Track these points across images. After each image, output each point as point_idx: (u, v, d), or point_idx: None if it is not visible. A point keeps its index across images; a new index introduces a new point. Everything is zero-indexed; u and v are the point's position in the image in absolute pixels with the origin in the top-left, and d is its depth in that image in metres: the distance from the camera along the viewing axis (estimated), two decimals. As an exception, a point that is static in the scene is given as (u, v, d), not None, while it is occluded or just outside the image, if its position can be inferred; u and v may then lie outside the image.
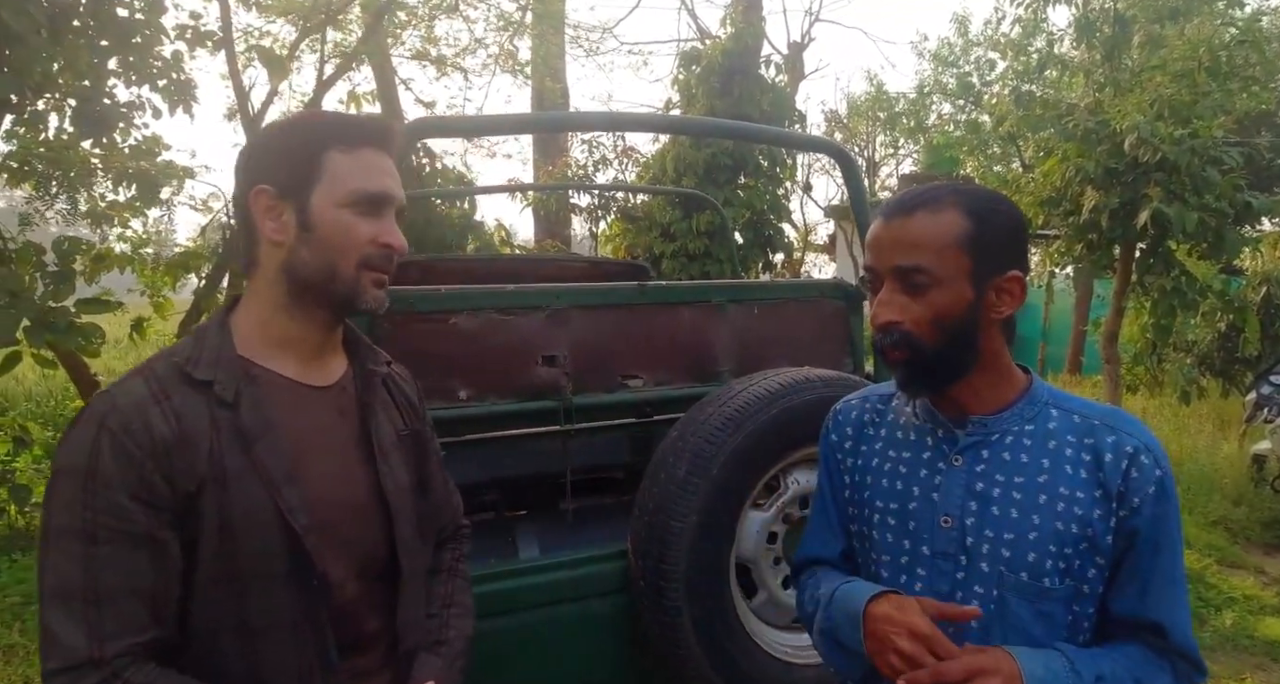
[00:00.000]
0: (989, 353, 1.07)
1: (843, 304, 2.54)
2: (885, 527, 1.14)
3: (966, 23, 13.87)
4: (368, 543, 1.08)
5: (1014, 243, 1.05)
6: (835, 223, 14.19)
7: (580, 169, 9.01)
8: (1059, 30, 6.49)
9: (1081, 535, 1.01)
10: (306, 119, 1.08)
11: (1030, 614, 1.03)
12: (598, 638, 1.92)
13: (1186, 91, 4.84)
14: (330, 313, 1.06)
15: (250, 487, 0.97)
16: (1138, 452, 1.02)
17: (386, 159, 1.06)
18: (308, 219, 1.01)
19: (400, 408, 1.19)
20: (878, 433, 1.20)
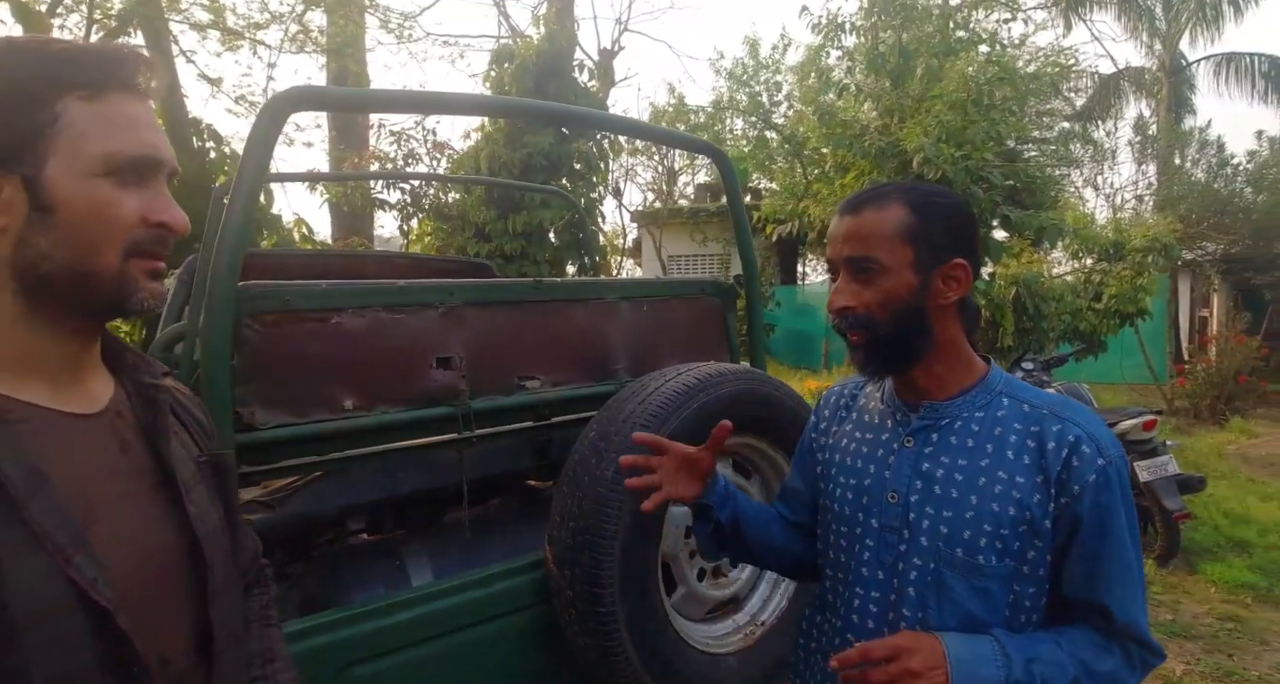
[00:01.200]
0: (944, 339, 1.15)
1: (719, 301, 2.61)
2: (844, 500, 1.23)
3: (757, 45, 15.01)
4: (190, 604, 0.85)
5: (956, 234, 1.14)
6: (644, 228, 14.65)
7: (389, 162, 8.49)
8: (848, 61, 7.18)
9: (1020, 518, 1.08)
10: (21, 52, 0.77)
11: (965, 589, 1.10)
12: (514, 659, 1.81)
13: (959, 119, 5.55)
14: (86, 319, 0.81)
15: (32, 563, 0.70)
16: (1080, 441, 1.07)
17: (145, 105, 0.81)
18: (44, 196, 0.74)
19: (190, 429, 0.95)
20: (849, 416, 1.31)
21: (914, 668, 1.00)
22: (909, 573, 1.13)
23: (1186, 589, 4.45)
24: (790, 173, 11.57)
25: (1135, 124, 14.75)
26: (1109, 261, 7.72)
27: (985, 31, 6.90)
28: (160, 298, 0.83)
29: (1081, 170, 12.93)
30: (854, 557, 1.20)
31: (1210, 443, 8.02)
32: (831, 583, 1.27)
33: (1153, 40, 16.13)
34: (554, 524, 1.78)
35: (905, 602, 1.13)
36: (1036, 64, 10.73)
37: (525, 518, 2.35)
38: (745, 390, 1.94)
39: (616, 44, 12.93)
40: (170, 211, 0.81)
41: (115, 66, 0.79)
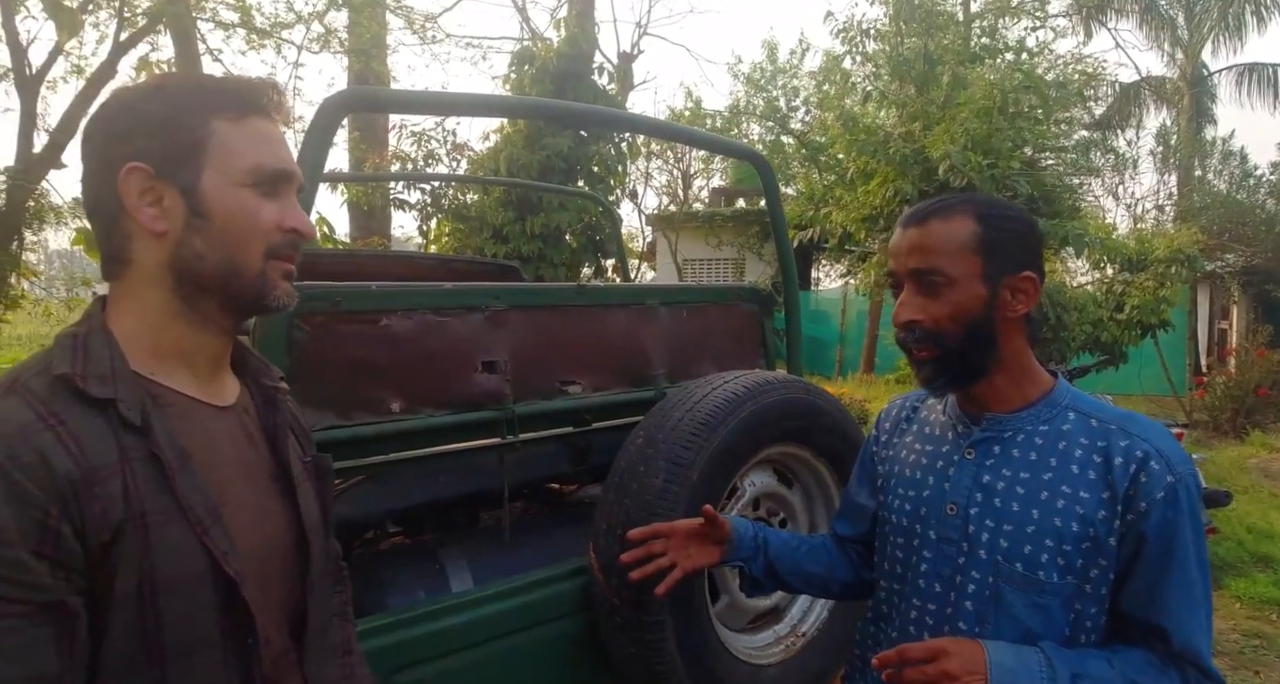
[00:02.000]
0: (1009, 353, 1.14)
1: (756, 308, 2.60)
2: (902, 511, 1.22)
3: (776, 50, 14.99)
4: (289, 591, 0.93)
5: (1024, 245, 1.12)
6: (660, 232, 14.64)
7: (409, 162, 8.51)
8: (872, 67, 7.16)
9: (1083, 534, 1.05)
10: (179, 82, 0.90)
11: (1024, 605, 1.08)
12: (554, 667, 1.80)
13: (985, 127, 5.52)
14: (232, 316, 0.90)
15: (177, 531, 0.78)
16: (1148, 456, 1.04)
17: (277, 128, 0.91)
18: (199, 203, 0.84)
19: (296, 432, 1.03)
20: (910, 428, 1.30)
21: (951, 670, 0.99)
22: (967, 586, 1.12)
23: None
24: (808, 179, 11.55)
25: (1157, 134, 14.66)
26: (1131, 272, 7.65)
27: (1012, 39, 6.87)
28: (292, 297, 0.91)
29: (1102, 179, 12.85)
30: (911, 568, 1.19)
31: (1231, 456, 7.93)
32: (887, 594, 1.26)
33: (1174, 49, 16.03)
34: (599, 532, 1.77)
35: (962, 615, 1.11)
36: (1057, 71, 10.68)
37: (559, 522, 2.35)
38: (791, 399, 1.93)
39: (636, 47, 12.93)
40: (301, 218, 0.90)
41: (255, 94, 0.89)
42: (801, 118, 13.57)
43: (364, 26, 8.09)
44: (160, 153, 0.83)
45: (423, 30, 10.05)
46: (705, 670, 1.74)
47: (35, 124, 4.71)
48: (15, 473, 0.71)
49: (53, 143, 4.64)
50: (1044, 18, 7.21)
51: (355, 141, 9.32)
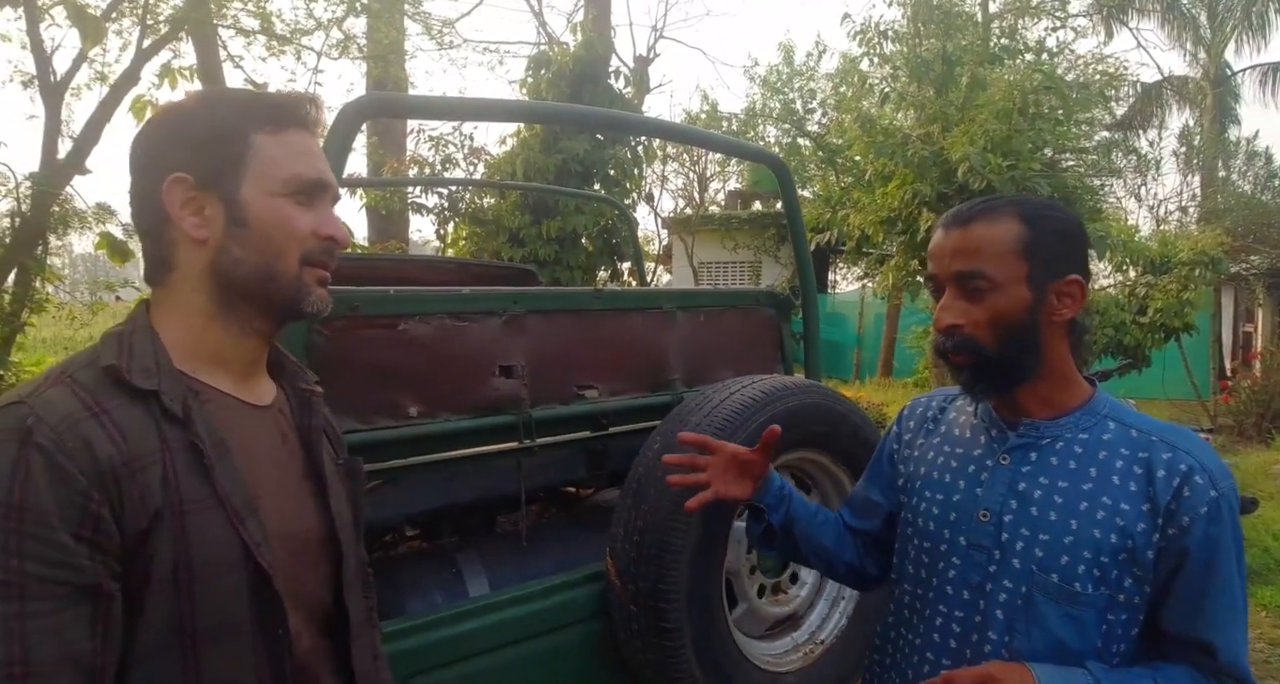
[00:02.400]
0: (1052, 359, 1.10)
1: (774, 312, 2.58)
2: (930, 515, 1.19)
3: (792, 52, 14.95)
4: (320, 587, 0.96)
5: (1070, 248, 1.09)
6: (675, 235, 14.63)
7: (427, 167, 8.55)
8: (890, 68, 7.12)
9: (1121, 546, 1.03)
10: (221, 97, 0.96)
11: (1058, 615, 1.05)
12: (570, 673, 1.79)
13: (1005, 128, 5.47)
14: (269, 320, 0.93)
15: (213, 519, 0.82)
16: (1192, 471, 1.02)
17: (314, 140, 0.95)
18: (239, 212, 0.88)
19: (330, 436, 1.06)
20: (937, 429, 1.26)
21: None
22: (998, 595, 1.09)
23: (1238, 613, 4.32)
24: (825, 181, 11.50)
25: (1180, 134, 14.48)
26: (1154, 274, 7.55)
27: (1032, 39, 6.80)
28: (326, 302, 0.94)
29: (1124, 181, 12.70)
30: (937, 574, 1.16)
31: (1256, 462, 7.79)
32: (910, 599, 1.23)
33: (1197, 49, 15.83)
34: (616, 536, 1.77)
35: (992, 624, 1.09)
36: (1077, 72, 10.56)
37: (576, 527, 2.34)
38: (811, 405, 1.91)
39: (652, 51, 12.94)
40: (336, 227, 0.93)
41: (293, 108, 0.93)
42: (818, 120, 13.53)
43: (382, 32, 8.16)
44: (203, 164, 0.87)
45: (440, 36, 10.13)
46: (723, 678, 1.73)
47: (59, 130, 4.77)
48: (60, 457, 0.73)
49: (77, 149, 4.70)
50: (1064, 18, 7.15)
51: (374, 146, 9.40)
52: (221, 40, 6.16)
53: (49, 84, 4.32)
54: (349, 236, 0.97)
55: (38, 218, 4.40)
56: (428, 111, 2.32)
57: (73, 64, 4.45)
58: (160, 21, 5.13)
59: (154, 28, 5.19)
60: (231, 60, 6.46)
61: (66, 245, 5.75)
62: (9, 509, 0.71)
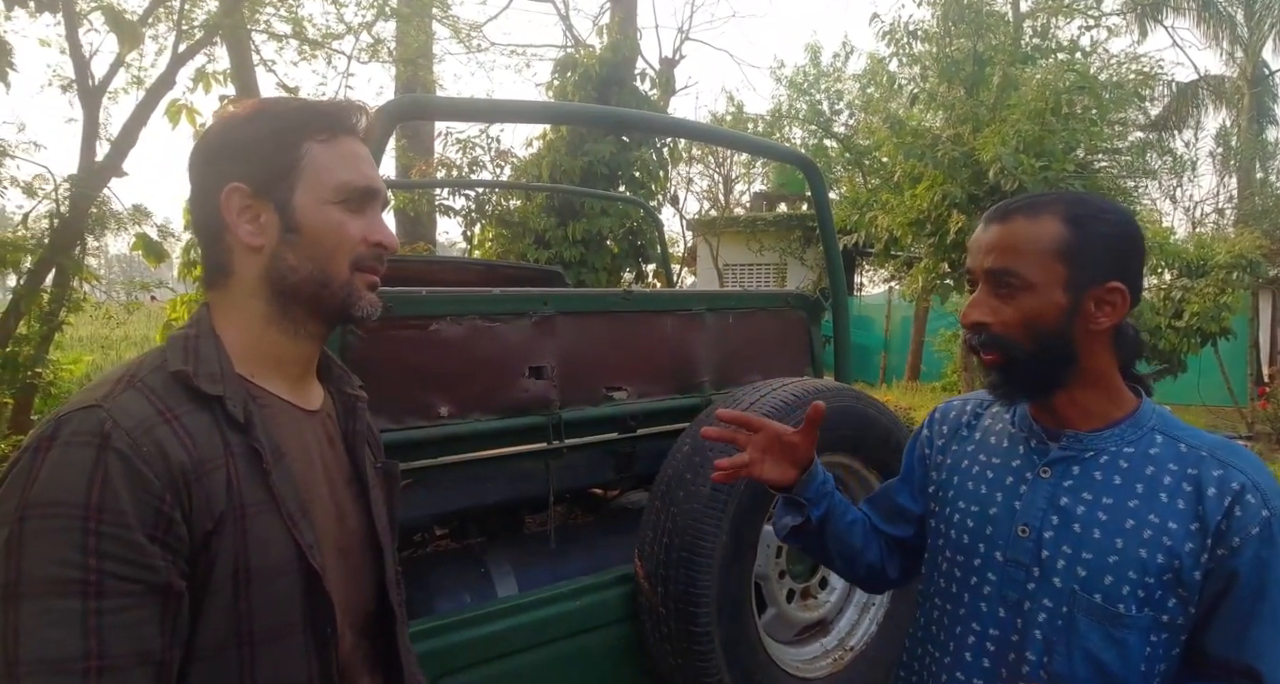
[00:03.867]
0: (1093, 367, 1.05)
1: (804, 314, 2.56)
2: (964, 527, 1.14)
3: (819, 53, 14.86)
4: (361, 588, 0.98)
5: (1117, 253, 1.03)
6: (701, 237, 14.60)
7: (455, 169, 8.62)
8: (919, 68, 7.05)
9: (1167, 566, 0.98)
10: (275, 107, 0.96)
11: (1100, 637, 1.01)
12: (598, 675, 1.78)
13: (1037, 129, 5.38)
14: (322, 324, 0.96)
15: (270, 522, 0.84)
16: (1244, 489, 0.98)
17: (364, 147, 0.97)
18: (292, 219, 0.90)
19: (369, 441, 1.07)
20: (971, 436, 1.20)
21: None
22: (1037, 614, 1.04)
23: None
24: (852, 182, 11.41)
25: (1216, 135, 14.15)
26: (1190, 278, 7.38)
27: (1064, 39, 6.69)
28: (376, 307, 0.95)
29: (1159, 182, 12.44)
30: (970, 589, 1.11)
31: (1297, 470, 7.61)
32: (939, 614, 1.17)
33: (1234, 47, 15.47)
34: (645, 539, 1.76)
35: (1030, 645, 1.04)
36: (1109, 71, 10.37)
37: (603, 528, 2.34)
38: (842, 408, 1.89)
39: (678, 53, 12.93)
40: (385, 233, 0.95)
41: (345, 116, 0.94)
42: (845, 121, 13.43)
43: (411, 36, 8.24)
44: (258, 174, 0.89)
45: (468, 39, 10.20)
46: (752, 682, 1.71)
47: (97, 133, 4.86)
48: (136, 461, 0.76)
49: (114, 151, 4.79)
50: (1098, 16, 7.01)
51: (402, 149, 9.49)
52: (254, 45, 6.25)
53: (87, 88, 4.41)
54: (397, 242, 0.97)
55: (76, 219, 4.49)
56: (459, 113, 2.33)
57: (110, 68, 4.54)
58: (195, 27, 5.23)
59: (189, 33, 5.28)
60: (264, 64, 6.56)
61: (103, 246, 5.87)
62: (88, 511, 0.73)
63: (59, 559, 0.72)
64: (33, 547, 0.73)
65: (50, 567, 0.72)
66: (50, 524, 0.73)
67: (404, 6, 7.72)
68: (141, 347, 8.78)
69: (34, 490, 0.74)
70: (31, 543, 0.73)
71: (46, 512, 0.73)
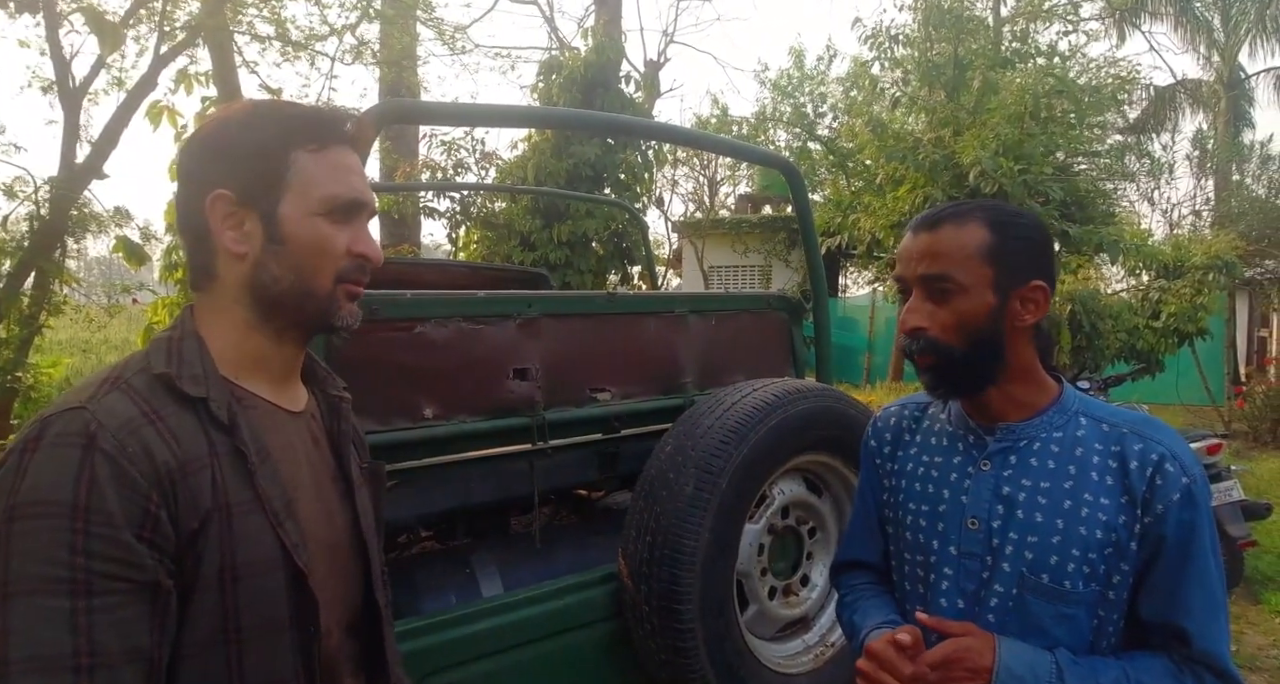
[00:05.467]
0: (1018, 362, 1.11)
1: (786, 316, 2.59)
2: (917, 527, 1.18)
3: (803, 56, 14.96)
4: (347, 587, 0.99)
5: (1036, 254, 1.11)
6: (686, 239, 14.65)
7: (439, 171, 8.61)
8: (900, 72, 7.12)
9: (1106, 540, 1.04)
10: (266, 113, 0.95)
11: (1050, 615, 1.06)
12: (583, 673, 1.80)
13: (1016, 132, 5.46)
14: (303, 332, 0.97)
15: (256, 522, 0.85)
16: (1163, 459, 1.04)
17: (355, 157, 0.97)
18: (276, 230, 0.90)
19: (354, 442, 1.09)
20: (913, 439, 1.25)
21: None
22: (989, 600, 1.09)
23: (1250, 620, 4.28)
24: (835, 185, 11.49)
25: (1193, 138, 14.37)
26: (1167, 279, 7.50)
27: (1042, 43, 6.78)
28: (356, 317, 0.96)
29: (1137, 184, 12.61)
30: (930, 587, 1.15)
31: (1271, 468, 7.73)
32: (902, 616, 1.21)
33: (1211, 52, 15.71)
34: (628, 538, 1.78)
35: (987, 629, 1.08)
36: (1089, 75, 10.51)
37: (588, 528, 2.36)
38: (822, 408, 1.92)
39: (662, 56, 13.01)
40: (370, 245, 0.95)
41: (335, 125, 0.94)
42: (829, 124, 13.52)
43: (395, 38, 8.22)
44: (244, 181, 0.89)
45: (453, 41, 10.19)
46: (735, 679, 1.74)
47: (78, 135, 4.82)
48: (122, 462, 0.77)
49: (95, 153, 4.75)
50: (1076, 21, 7.11)
51: (387, 151, 9.46)
52: (237, 46, 6.22)
53: (68, 89, 4.38)
54: (381, 254, 0.97)
55: (56, 221, 4.46)
56: (444, 117, 2.34)
57: (91, 70, 4.51)
58: (177, 28, 5.20)
59: (171, 34, 5.25)
60: (247, 66, 6.52)
61: (84, 249, 5.81)
62: (75, 511, 0.74)
63: (48, 558, 0.73)
64: (21, 547, 0.74)
65: (39, 566, 0.73)
66: (38, 524, 0.74)
67: (388, 8, 7.71)
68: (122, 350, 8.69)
69: (21, 491, 0.75)
70: (20, 543, 0.74)
71: (34, 512, 0.74)
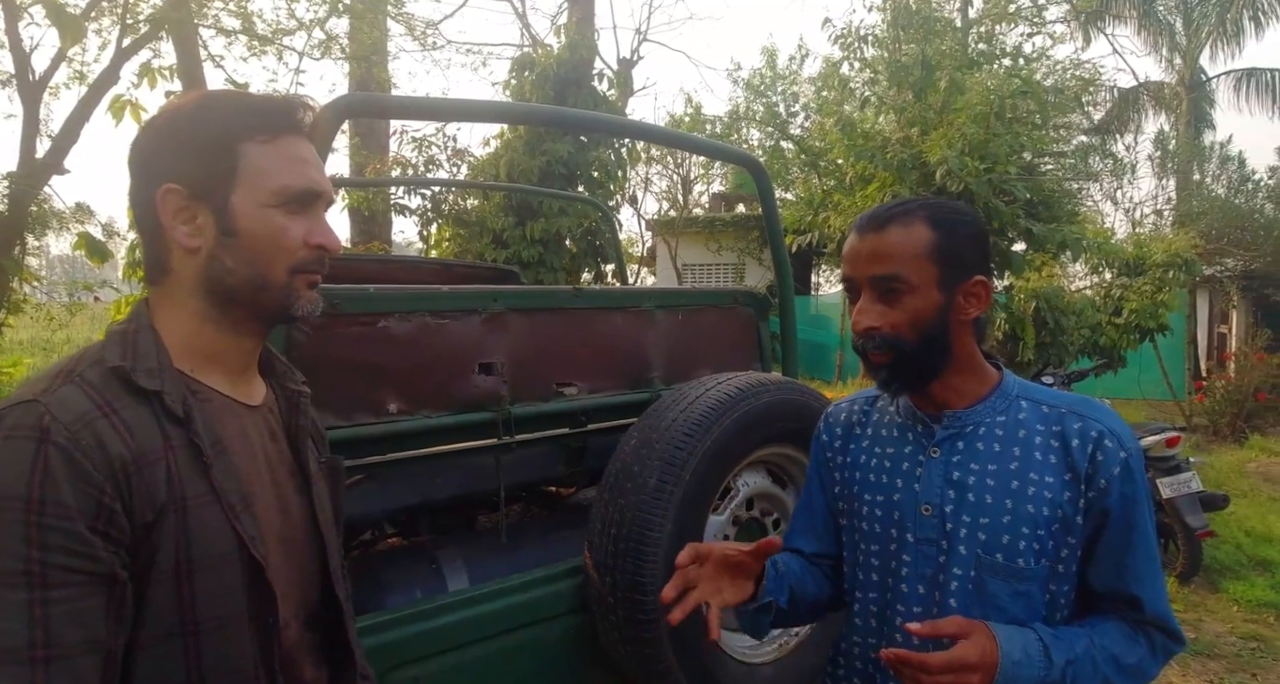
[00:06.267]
0: (962, 352, 1.16)
1: (753, 311, 2.62)
2: (874, 517, 1.22)
3: (775, 56, 15.07)
4: (305, 580, 1.00)
5: (978, 251, 1.15)
6: (660, 238, 14.68)
7: (410, 167, 8.54)
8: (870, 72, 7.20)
9: (1054, 517, 1.09)
10: (215, 104, 0.94)
11: (1007, 593, 1.11)
12: (550, 666, 1.81)
13: (982, 132, 5.55)
14: (261, 323, 0.97)
15: (211, 514, 0.86)
16: (1102, 436, 1.10)
17: (309, 146, 0.96)
18: (229, 223, 0.90)
19: (313, 435, 1.09)
20: (864, 432, 1.29)
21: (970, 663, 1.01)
22: (949, 584, 1.13)
23: (1209, 608, 4.41)
24: (807, 184, 11.57)
25: (1155, 139, 14.69)
26: (1129, 276, 7.68)
27: (1008, 45, 6.90)
28: (316, 304, 0.97)
29: (1100, 184, 12.89)
30: (892, 574, 1.19)
31: (1230, 460, 7.94)
32: (863, 605, 1.23)
33: (1173, 55, 16.07)
34: (594, 531, 1.79)
35: (946, 612, 1.12)
36: (1055, 77, 10.70)
37: (558, 525, 2.36)
38: (785, 401, 1.95)
39: (636, 54, 12.98)
40: (328, 235, 0.95)
41: (288, 114, 0.93)
42: (801, 123, 13.62)
43: (365, 33, 8.15)
44: (194, 175, 0.88)
45: (424, 37, 10.12)
46: (700, 669, 1.76)
47: (38, 130, 4.72)
48: (76, 454, 0.77)
49: (55, 148, 4.66)
50: (1041, 24, 7.24)
51: (356, 147, 9.37)
52: (202, 40, 6.12)
53: (27, 83, 4.29)
54: (340, 244, 0.97)
55: (15, 218, 4.37)
56: (408, 112, 2.32)
57: (51, 63, 4.42)
58: (140, 21, 5.11)
59: (134, 27, 5.16)
60: (212, 60, 6.43)
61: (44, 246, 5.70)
62: (29, 503, 0.75)
63: (3, 551, 0.74)
64: None
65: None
66: None
67: (357, 3, 7.63)
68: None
69: None
70: None
71: None
